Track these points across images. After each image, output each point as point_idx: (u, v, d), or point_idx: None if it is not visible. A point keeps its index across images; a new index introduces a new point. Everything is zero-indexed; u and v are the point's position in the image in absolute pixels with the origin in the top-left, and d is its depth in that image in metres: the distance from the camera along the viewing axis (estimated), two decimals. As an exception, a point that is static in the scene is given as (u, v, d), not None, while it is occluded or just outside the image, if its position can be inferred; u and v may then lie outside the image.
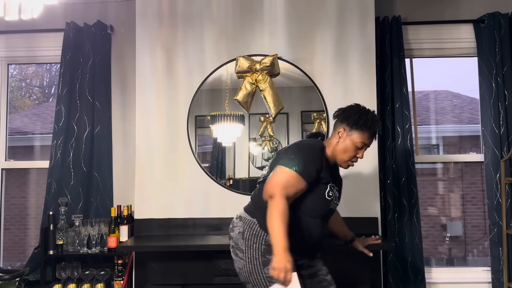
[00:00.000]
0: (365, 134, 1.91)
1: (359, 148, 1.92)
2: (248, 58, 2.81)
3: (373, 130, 1.93)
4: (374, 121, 1.93)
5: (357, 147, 1.92)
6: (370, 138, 1.93)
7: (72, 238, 2.99)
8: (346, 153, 1.92)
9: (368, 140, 1.93)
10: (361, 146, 1.91)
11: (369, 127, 1.91)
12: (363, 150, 1.94)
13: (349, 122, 1.93)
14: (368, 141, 1.93)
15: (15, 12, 1.67)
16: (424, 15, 3.28)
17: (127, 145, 3.27)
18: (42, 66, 5.39)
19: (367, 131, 1.91)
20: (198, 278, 2.66)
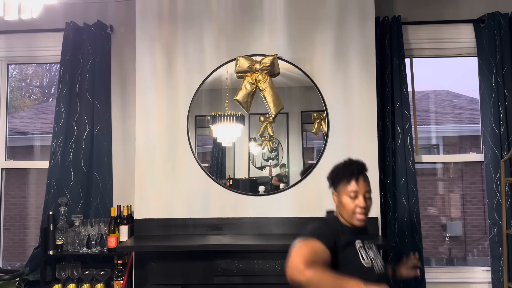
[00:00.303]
0: (348, 185, 1.84)
1: (353, 197, 1.83)
2: (248, 58, 2.81)
3: (350, 176, 1.85)
4: (347, 167, 1.88)
5: (351, 198, 1.83)
6: (355, 183, 1.84)
7: (72, 238, 2.99)
8: (347, 209, 1.84)
9: (354, 187, 1.83)
10: (353, 195, 1.83)
11: (346, 176, 1.85)
12: (359, 198, 1.83)
13: (332, 184, 1.91)
14: (355, 188, 1.83)
15: (14, 12, 1.67)
16: (424, 15, 3.28)
17: (127, 145, 3.27)
18: (42, 66, 5.39)
19: (346, 181, 1.84)
20: (198, 278, 2.66)
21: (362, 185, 1.85)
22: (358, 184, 1.84)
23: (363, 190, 1.84)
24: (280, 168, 3.01)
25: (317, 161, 2.88)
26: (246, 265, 2.64)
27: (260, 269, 2.63)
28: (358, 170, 1.87)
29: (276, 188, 2.94)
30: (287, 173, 2.99)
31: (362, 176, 1.86)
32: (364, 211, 1.83)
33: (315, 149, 3.02)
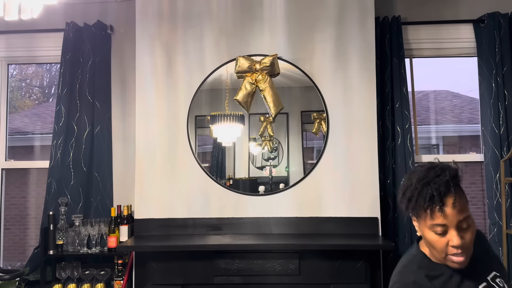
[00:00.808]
0: (428, 216, 1.24)
1: (440, 233, 1.22)
2: (248, 58, 2.81)
3: (430, 203, 1.21)
4: (425, 185, 1.24)
5: (438, 234, 1.23)
6: (440, 213, 1.21)
7: (72, 238, 2.99)
8: (435, 248, 1.25)
9: (438, 219, 1.21)
10: (440, 231, 1.22)
11: (424, 203, 1.23)
12: (450, 232, 1.21)
13: (407, 207, 1.31)
14: (440, 220, 1.21)
15: (15, 12, 1.67)
16: (424, 15, 3.28)
17: (127, 145, 3.27)
18: (42, 66, 5.39)
19: (424, 210, 1.23)
20: (198, 278, 2.66)
21: (452, 214, 1.20)
22: (444, 213, 1.20)
23: (454, 220, 1.20)
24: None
25: (317, 161, 2.88)
26: (246, 265, 2.64)
27: (260, 269, 2.63)
28: (442, 188, 1.21)
29: (276, 188, 2.94)
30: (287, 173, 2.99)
31: (450, 197, 1.20)
32: (461, 250, 1.21)
33: (315, 149, 3.02)
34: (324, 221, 2.81)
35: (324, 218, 2.81)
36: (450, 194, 1.21)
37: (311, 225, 2.82)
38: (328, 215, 2.82)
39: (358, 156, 2.86)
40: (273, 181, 2.98)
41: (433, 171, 1.25)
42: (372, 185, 2.85)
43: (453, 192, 1.21)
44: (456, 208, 1.20)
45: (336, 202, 2.82)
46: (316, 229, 2.80)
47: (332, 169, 2.86)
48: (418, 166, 1.32)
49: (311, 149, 3.06)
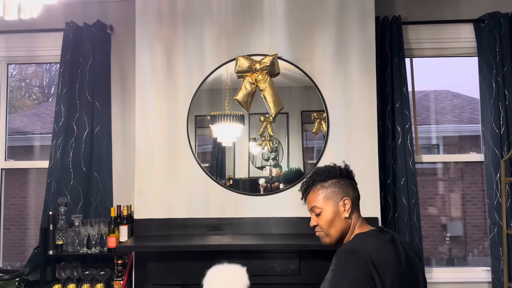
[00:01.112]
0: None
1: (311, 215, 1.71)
2: (248, 57, 2.80)
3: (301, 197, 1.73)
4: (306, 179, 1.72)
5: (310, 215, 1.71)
6: (304, 200, 1.72)
7: (72, 238, 2.98)
8: None
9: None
10: (310, 213, 1.71)
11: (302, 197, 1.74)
12: (312, 215, 1.68)
13: None
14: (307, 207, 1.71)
15: (14, 11, 1.66)
16: (424, 15, 3.27)
17: (127, 145, 3.27)
18: (42, 66, 5.39)
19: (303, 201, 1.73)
20: (198, 278, 2.64)
21: (307, 202, 1.70)
22: (306, 201, 1.71)
23: (308, 207, 1.70)
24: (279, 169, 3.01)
25: (317, 161, 2.88)
26: (246, 265, 2.62)
27: (260, 269, 2.63)
28: (302, 186, 1.71)
29: (276, 188, 2.94)
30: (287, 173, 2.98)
31: (307, 191, 1.69)
32: (317, 230, 1.67)
33: (315, 149, 3.02)
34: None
35: (324, 218, 2.81)
36: (309, 188, 1.67)
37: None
38: (328, 215, 2.81)
39: (358, 156, 2.85)
40: (273, 181, 2.97)
41: (312, 171, 1.71)
42: (372, 185, 2.84)
43: (311, 186, 1.66)
44: (308, 198, 1.68)
45: (336, 202, 2.82)
46: (316, 229, 2.80)
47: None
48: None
49: (311, 149, 3.05)
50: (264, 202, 2.88)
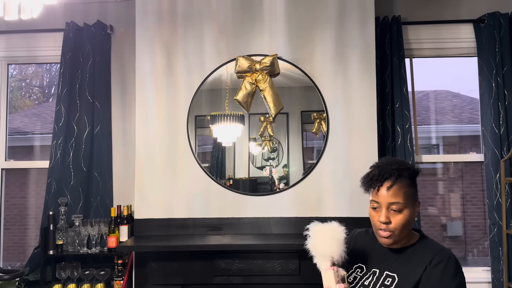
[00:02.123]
0: (371, 191, 1.54)
1: (374, 208, 1.54)
2: (248, 58, 2.81)
3: (370, 182, 1.54)
4: (371, 173, 1.55)
5: (373, 208, 1.55)
6: (376, 192, 1.52)
7: (72, 238, 2.99)
8: (371, 220, 1.57)
9: (374, 196, 1.53)
10: (374, 206, 1.54)
11: (367, 182, 1.55)
12: (379, 211, 1.52)
13: (361, 182, 1.60)
14: (375, 197, 1.53)
15: (14, 12, 1.66)
16: (424, 15, 3.28)
17: (127, 145, 3.27)
18: (42, 66, 5.39)
19: (368, 187, 1.55)
20: (198, 278, 2.66)
21: (384, 195, 1.49)
22: (379, 192, 1.51)
23: (385, 201, 1.49)
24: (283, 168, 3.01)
25: (317, 161, 2.88)
26: (246, 265, 2.64)
27: (260, 269, 2.63)
28: (385, 174, 1.50)
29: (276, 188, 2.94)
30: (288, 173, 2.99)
31: (388, 181, 1.49)
32: (386, 228, 1.50)
33: (315, 149, 3.02)
34: (324, 221, 2.80)
35: (324, 218, 2.79)
36: (390, 180, 1.49)
37: (311, 225, 2.82)
38: (328, 215, 2.81)
39: (358, 156, 2.85)
40: (273, 181, 2.98)
41: (391, 161, 1.55)
42: (372, 185, 2.84)
43: (393, 179, 1.48)
44: (390, 191, 1.48)
45: (336, 202, 2.82)
46: (316, 229, 2.80)
47: (332, 169, 2.85)
48: (385, 158, 1.62)
49: (311, 149, 3.05)
50: (264, 202, 2.88)
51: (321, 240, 1.58)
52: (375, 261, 1.58)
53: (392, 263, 1.53)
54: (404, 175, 1.50)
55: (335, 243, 1.53)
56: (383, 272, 1.53)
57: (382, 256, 1.58)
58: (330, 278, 1.53)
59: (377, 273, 1.54)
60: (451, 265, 1.45)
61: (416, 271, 1.46)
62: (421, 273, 1.45)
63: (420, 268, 1.46)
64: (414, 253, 1.52)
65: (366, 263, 1.60)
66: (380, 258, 1.58)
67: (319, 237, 1.59)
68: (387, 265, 1.54)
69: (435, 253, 1.48)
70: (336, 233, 1.55)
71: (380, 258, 1.58)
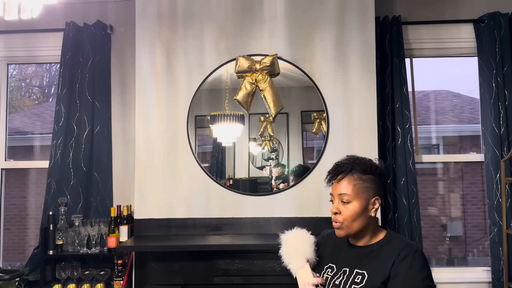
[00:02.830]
0: (330, 185, 1.64)
1: (331, 201, 1.64)
2: (248, 58, 2.80)
3: (328, 177, 1.63)
4: (330, 169, 1.64)
5: (330, 201, 1.65)
6: (331, 186, 1.63)
7: (72, 238, 2.98)
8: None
9: (330, 190, 1.64)
10: (330, 199, 1.64)
11: (326, 177, 1.64)
12: (334, 202, 1.61)
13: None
14: (330, 190, 1.64)
15: (14, 11, 1.66)
16: (424, 15, 3.27)
17: (127, 145, 3.26)
18: (42, 66, 5.39)
19: (327, 182, 1.64)
20: (198, 278, 2.66)
21: (335, 186, 1.59)
22: (332, 184, 1.61)
23: (336, 192, 1.59)
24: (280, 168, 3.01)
25: (317, 161, 2.88)
26: (246, 265, 2.64)
27: (260, 269, 2.63)
28: (340, 168, 1.60)
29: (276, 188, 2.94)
30: (287, 173, 2.98)
31: (342, 174, 1.58)
32: (336, 219, 1.58)
33: (315, 149, 3.02)
34: (324, 221, 2.80)
35: (324, 218, 2.80)
36: (342, 173, 1.57)
37: (311, 225, 2.79)
38: (328, 215, 2.80)
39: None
40: (274, 181, 2.97)
41: (348, 158, 1.63)
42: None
43: (345, 172, 1.56)
44: (340, 183, 1.56)
45: (336, 202, 2.82)
46: (316, 229, 2.79)
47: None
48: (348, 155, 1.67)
49: (311, 149, 3.05)
50: (264, 202, 2.88)
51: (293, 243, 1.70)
52: (344, 260, 1.61)
53: (361, 261, 1.57)
54: (356, 169, 1.57)
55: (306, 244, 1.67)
56: (353, 270, 1.56)
57: (351, 254, 1.61)
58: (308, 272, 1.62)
59: (347, 272, 1.57)
60: (418, 259, 1.48)
61: (384, 267, 1.50)
62: (389, 268, 1.49)
63: (388, 264, 1.50)
64: (381, 249, 1.55)
65: (336, 263, 1.63)
66: (349, 257, 1.61)
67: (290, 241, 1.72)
68: (356, 263, 1.57)
69: (402, 248, 1.51)
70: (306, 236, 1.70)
71: (349, 257, 1.61)
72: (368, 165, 1.60)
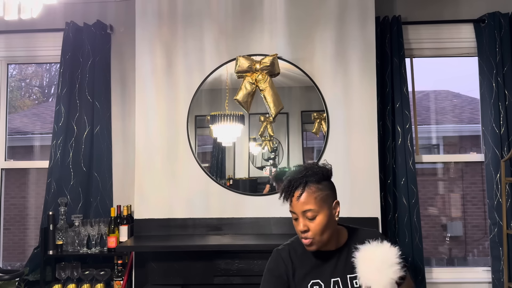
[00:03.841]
0: (289, 204, 1.55)
1: (294, 219, 1.54)
2: (248, 57, 2.80)
3: (283, 195, 1.54)
4: (283, 186, 1.54)
5: (294, 219, 1.55)
6: (290, 203, 1.54)
7: (72, 238, 2.98)
8: (296, 230, 1.56)
9: (290, 207, 1.54)
10: (293, 217, 1.54)
11: (281, 196, 1.55)
12: (298, 221, 1.52)
13: (280, 197, 1.59)
14: (291, 208, 1.54)
15: (14, 11, 1.66)
16: (424, 15, 3.27)
17: (127, 145, 3.26)
18: (42, 66, 5.39)
19: (284, 200, 1.55)
20: (198, 278, 2.66)
21: (296, 204, 1.50)
22: (291, 203, 1.52)
23: (299, 210, 1.50)
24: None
25: (317, 161, 2.88)
26: (246, 265, 2.64)
27: (260, 269, 2.62)
28: (295, 183, 1.51)
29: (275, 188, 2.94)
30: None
31: (298, 190, 1.50)
32: (306, 237, 1.50)
33: (315, 149, 3.02)
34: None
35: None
36: (299, 189, 1.49)
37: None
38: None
39: (359, 156, 2.85)
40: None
41: (298, 170, 1.53)
42: (372, 185, 2.84)
43: (301, 187, 1.49)
44: (300, 200, 1.48)
45: (336, 202, 2.82)
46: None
47: (332, 169, 2.84)
48: (296, 166, 1.59)
49: (311, 149, 3.05)
50: (264, 202, 2.88)
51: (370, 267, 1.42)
52: (329, 271, 1.54)
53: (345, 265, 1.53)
54: (311, 181, 1.50)
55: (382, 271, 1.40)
56: (345, 277, 1.52)
57: (331, 263, 1.55)
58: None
59: (340, 281, 1.53)
60: (383, 238, 1.53)
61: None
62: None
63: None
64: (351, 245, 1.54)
65: (321, 277, 1.54)
66: (332, 266, 1.55)
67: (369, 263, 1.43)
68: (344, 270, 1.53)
69: (369, 236, 1.52)
70: (386, 258, 1.43)
71: (332, 266, 1.55)
72: (320, 172, 1.52)
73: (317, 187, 1.50)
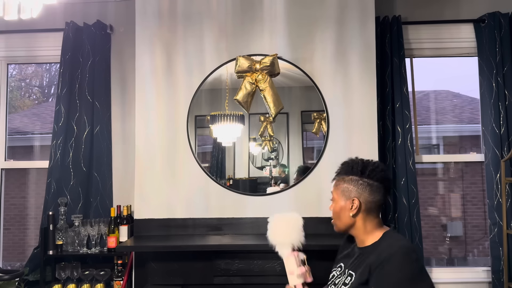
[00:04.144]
0: None
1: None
2: (248, 57, 2.80)
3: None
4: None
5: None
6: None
7: (72, 238, 2.98)
8: None
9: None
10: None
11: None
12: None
13: None
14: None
15: (14, 11, 1.66)
16: (424, 15, 3.27)
17: (127, 145, 3.26)
18: (42, 66, 5.39)
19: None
20: (198, 278, 2.66)
21: (333, 188, 1.75)
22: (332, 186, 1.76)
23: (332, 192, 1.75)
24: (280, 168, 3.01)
25: (317, 161, 2.88)
26: (246, 265, 2.64)
27: (260, 269, 2.63)
28: (338, 170, 1.77)
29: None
30: (287, 173, 2.98)
31: (336, 178, 1.76)
32: (333, 216, 1.74)
33: (315, 149, 3.02)
34: (324, 221, 2.80)
35: (324, 218, 2.80)
36: (336, 174, 1.76)
37: (311, 225, 2.80)
38: (328, 215, 2.79)
39: (359, 156, 2.84)
40: (273, 181, 2.97)
41: (346, 161, 1.76)
42: (372, 185, 2.83)
43: (336, 174, 1.75)
44: (332, 184, 1.75)
45: (336, 202, 2.82)
46: (316, 229, 2.80)
47: (332, 169, 2.82)
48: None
49: (311, 149, 3.05)
50: (264, 202, 2.88)
51: (281, 228, 1.80)
52: (347, 261, 1.70)
53: (353, 261, 1.64)
54: (341, 173, 1.72)
55: (294, 230, 1.77)
56: (346, 270, 1.65)
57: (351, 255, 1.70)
58: (292, 263, 1.74)
59: (346, 272, 1.64)
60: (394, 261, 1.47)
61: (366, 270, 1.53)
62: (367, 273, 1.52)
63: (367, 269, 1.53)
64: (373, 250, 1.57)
65: (345, 263, 1.71)
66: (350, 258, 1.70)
67: (278, 226, 1.81)
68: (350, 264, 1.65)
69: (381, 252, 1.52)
70: (294, 221, 1.80)
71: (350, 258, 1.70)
72: (350, 167, 1.69)
73: (342, 179, 1.70)
